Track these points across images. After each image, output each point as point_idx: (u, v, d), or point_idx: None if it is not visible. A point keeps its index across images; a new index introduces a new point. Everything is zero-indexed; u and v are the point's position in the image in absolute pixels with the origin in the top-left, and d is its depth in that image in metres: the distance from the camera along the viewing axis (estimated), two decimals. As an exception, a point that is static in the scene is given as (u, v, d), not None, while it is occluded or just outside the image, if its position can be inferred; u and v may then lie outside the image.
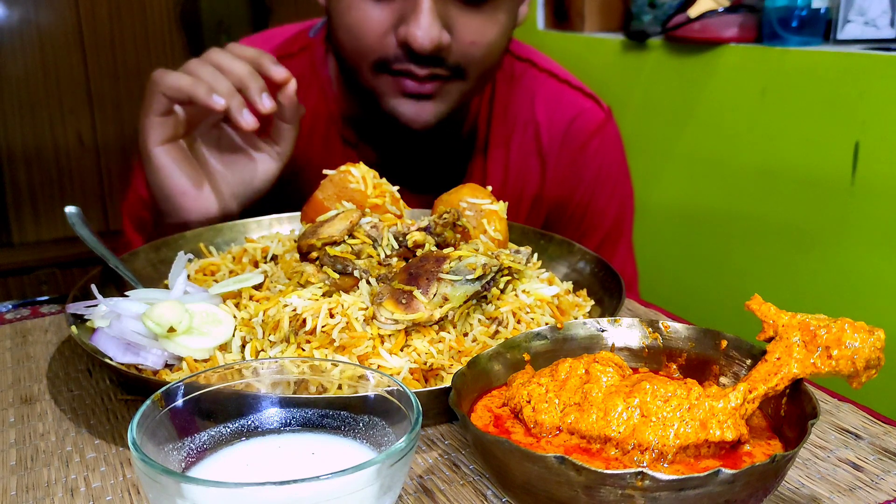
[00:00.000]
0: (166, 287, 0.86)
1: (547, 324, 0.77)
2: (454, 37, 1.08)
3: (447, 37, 1.07)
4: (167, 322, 0.71)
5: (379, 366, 0.69)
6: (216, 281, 0.85)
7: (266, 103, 0.98)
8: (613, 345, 0.68)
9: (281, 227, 1.02)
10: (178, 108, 1.00)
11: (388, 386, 0.53)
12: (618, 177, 1.38)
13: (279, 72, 1.02)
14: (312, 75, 1.27)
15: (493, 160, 1.31)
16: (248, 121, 0.97)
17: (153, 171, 1.01)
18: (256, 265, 0.87)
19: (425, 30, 1.04)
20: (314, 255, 0.80)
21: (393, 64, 1.10)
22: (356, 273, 0.77)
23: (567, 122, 1.32)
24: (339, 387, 0.56)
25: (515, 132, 1.32)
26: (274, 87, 1.02)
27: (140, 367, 0.72)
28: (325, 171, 0.92)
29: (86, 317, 0.76)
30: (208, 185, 1.04)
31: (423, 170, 1.03)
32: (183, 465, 0.51)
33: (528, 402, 0.58)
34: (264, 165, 1.08)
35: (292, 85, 1.03)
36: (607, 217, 1.35)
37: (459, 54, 1.10)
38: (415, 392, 0.52)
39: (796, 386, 0.58)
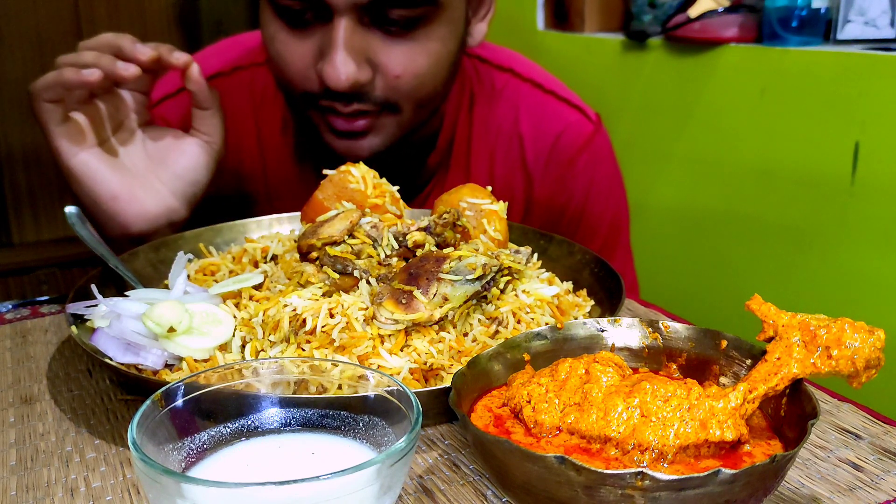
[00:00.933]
0: (166, 287, 0.86)
1: (547, 324, 0.77)
2: (379, 70, 1.03)
3: (367, 72, 1.01)
4: (167, 322, 0.71)
5: (379, 366, 0.69)
6: (216, 281, 0.85)
7: (128, 68, 0.92)
8: (613, 345, 0.68)
9: (281, 227, 1.02)
10: (79, 116, 0.96)
11: (388, 386, 0.53)
12: (610, 187, 1.33)
13: (178, 57, 0.97)
14: (276, 88, 1.22)
15: (476, 175, 1.26)
16: (127, 68, 0.92)
17: (76, 182, 0.97)
18: (256, 265, 0.87)
19: (339, 67, 0.98)
20: (314, 255, 0.80)
21: (318, 99, 1.05)
22: (356, 273, 0.77)
23: (553, 136, 1.27)
24: (339, 387, 0.56)
25: (499, 146, 1.27)
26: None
27: (140, 367, 0.72)
28: (325, 171, 0.92)
29: (86, 317, 0.76)
30: (139, 185, 0.99)
31: (403, 186, 1.00)
32: (183, 465, 0.51)
33: (528, 402, 0.58)
34: (195, 156, 1.03)
35: (194, 69, 0.99)
36: (602, 228, 1.31)
37: (386, 88, 1.04)
38: (415, 392, 0.52)
39: (796, 386, 0.58)
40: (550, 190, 1.28)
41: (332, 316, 0.72)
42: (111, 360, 0.71)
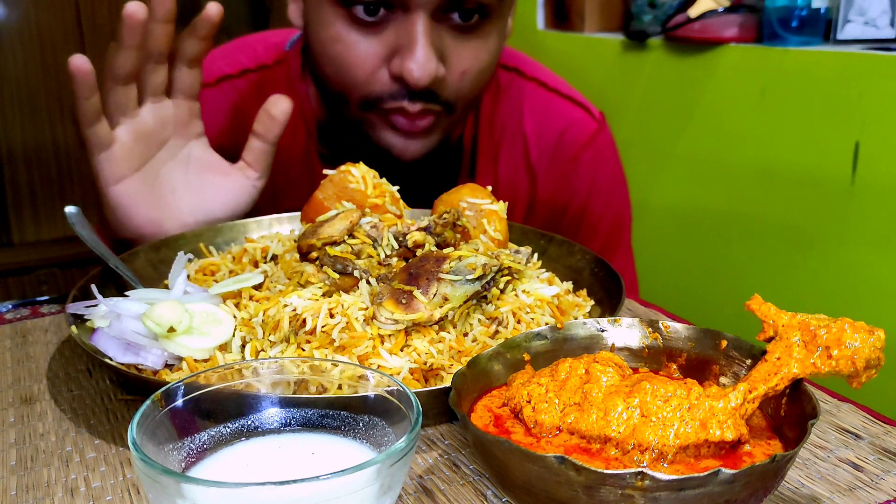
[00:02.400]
0: (166, 287, 0.86)
1: (547, 324, 0.77)
2: (448, 68, 1.03)
3: (443, 69, 1.01)
4: (167, 322, 0.71)
5: (379, 366, 0.69)
6: (216, 281, 0.85)
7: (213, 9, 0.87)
8: (613, 345, 0.68)
9: (281, 227, 1.02)
10: (123, 136, 0.91)
11: (388, 386, 0.53)
12: (613, 185, 1.33)
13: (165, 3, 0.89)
14: (289, 90, 1.21)
15: (482, 174, 1.26)
16: (164, 2, 0.85)
17: (110, 209, 0.94)
18: (256, 265, 0.87)
19: (422, 63, 0.97)
20: (314, 255, 0.80)
21: (384, 101, 1.04)
22: (356, 273, 0.77)
23: (557, 134, 1.27)
24: (339, 387, 0.56)
25: (503, 145, 1.27)
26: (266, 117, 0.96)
27: (140, 367, 0.72)
28: (325, 172, 0.92)
29: (86, 317, 0.76)
30: (169, 216, 0.97)
31: (408, 187, 1.00)
32: (183, 465, 0.51)
33: (528, 402, 0.58)
34: (234, 197, 1.00)
35: (285, 105, 0.95)
36: (603, 226, 1.31)
37: (452, 87, 1.04)
38: (415, 392, 0.52)
39: (796, 386, 0.58)
40: (554, 187, 1.28)
41: (332, 316, 0.72)
42: (111, 360, 0.71)
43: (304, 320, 0.72)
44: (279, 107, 0.96)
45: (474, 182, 1.24)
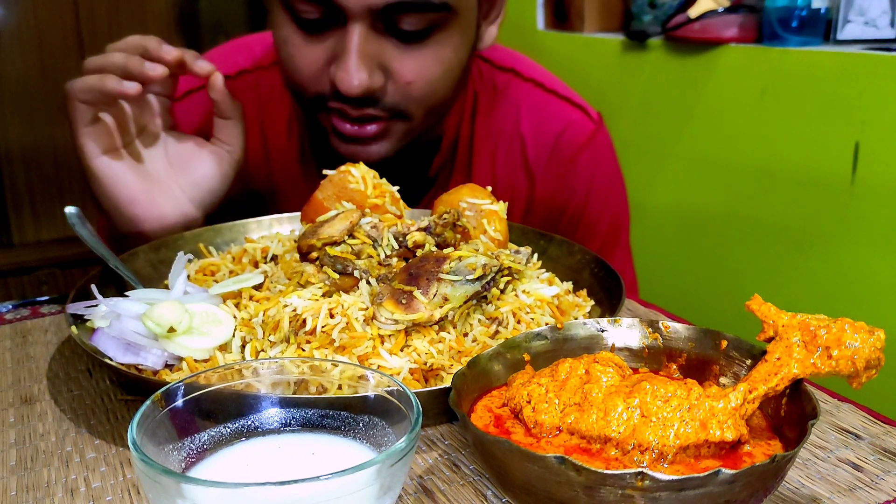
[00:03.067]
0: (166, 287, 0.86)
1: (547, 324, 0.77)
2: (391, 77, 1.03)
3: (379, 79, 1.01)
4: (167, 322, 0.71)
5: (379, 366, 0.69)
6: (216, 281, 0.85)
7: (155, 69, 0.94)
8: (613, 345, 0.68)
9: (281, 227, 1.02)
10: (107, 118, 0.97)
11: (388, 386, 0.53)
12: (610, 186, 1.33)
13: (202, 66, 0.98)
14: (284, 91, 1.22)
15: (478, 175, 1.26)
16: (155, 69, 0.94)
17: (97, 183, 0.98)
18: (256, 265, 0.87)
19: (352, 73, 0.98)
20: (314, 255, 0.80)
21: (329, 101, 1.05)
22: (356, 273, 0.77)
23: (554, 135, 1.27)
24: (339, 387, 0.56)
25: (500, 146, 1.27)
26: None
27: (140, 367, 0.72)
28: (325, 172, 0.92)
29: (86, 317, 0.76)
30: (159, 190, 1.00)
31: (405, 187, 1.00)
32: (183, 465, 0.51)
33: (528, 402, 0.58)
34: (215, 165, 1.04)
35: (218, 78, 1.00)
36: (601, 227, 1.31)
37: (397, 95, 1.04)
38: (415, 392, 0.52)
39: (796, 386, 0.58)
40: (551, 188, 1.28)
41: (332, 316, 0.72)
42: (111, 360, 0.71)
43: (304, 320, 0.72)
44: (214, 87, 1.01)
45: (471, 180, 1.24)
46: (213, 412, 0.54)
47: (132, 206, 0.99)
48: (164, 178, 1.02)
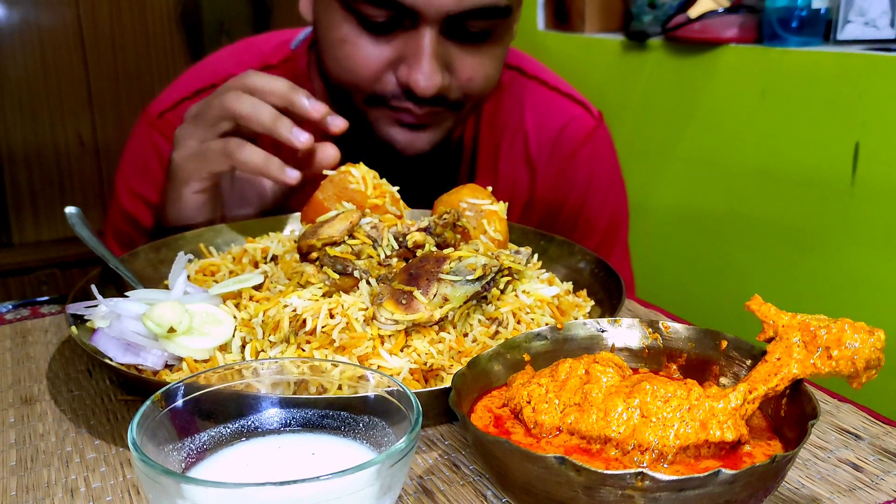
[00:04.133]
0: (166, 287, 0.86)
1: (547, 324, 0.77)
2: (453, 75, 1.06)
3: (447, 79, 1.05)
4: (167, 322, 0.71)
5: (379, 366, 0.69)
6: (216, 281, 0.85)
7: (301, 137, 0.93)
8: (613, 345, 0.68)
9: (281, 228, 1.02)
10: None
11: (388, 386, 0.53)
12: (610, 183, 1.35)
13: (318, 109, 0.95)
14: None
15: (482, 170, 1.28)
16: (299, 138, 0.93)
17: (179, 208, 0.99)
18: (256, 265, 0.87)
19: (427, 75, 1.01)
20: (314, 255, 0.80)
21: (390, 101, 1.07)
22: (356, 273, 0.77)
23: (557, 130, 1.29)
24: (339, 387, 0.56)
25: (504, 141, 1.29)
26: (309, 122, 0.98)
27: (140, 367, 0.72)
28: (325, 172, 0.92)
29: (86, 317, 0.76)
30: (215, 219, 1.02)
31: (411, 182, 1.01)
32: (183, 465, 0.51)
33: (528, 402, 0.58)
34: (269, 199, 1.05)
35: (333, 153, 0.98)
36: (600, 223, 1.33)
37: (458, 92, 1.08)
38: (415, 392, 0.52)
39: (796, 386, 0.58)
40: (552, 183, 1.30)
41: (332, 316, 0.72)
42: (111, 360, 0.71)
43: (304, 321, 0.72)
44: (328, 153, 0.99)
45: (475, 178, 1.26)
46: (213, 412, 0.54)
47: (192, 223, 1.00)
48: (225, 207, 1.04)
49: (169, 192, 1.00)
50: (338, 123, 0.97)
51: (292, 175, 0.92)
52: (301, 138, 0.93)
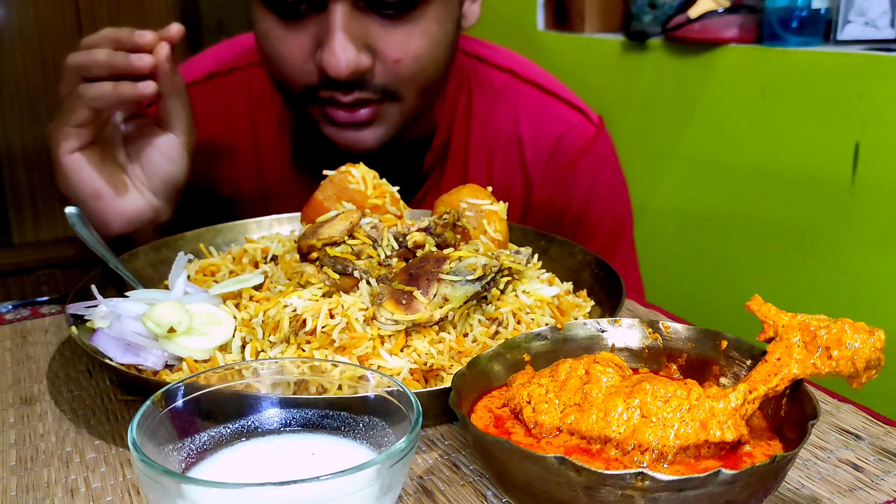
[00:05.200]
0: (166, 287, 0.86)
1: (547, 324, 0.77)
2: (378, 56, 1.01)
3: (366, 59, 1.00)
4: (167, 322, 0.71)
5: (379, 366, 0.69)
6: (216, 281, 0.85)
7: (142, 59, 0.92)
8: (613, 345, 0.68)
9: (281, 228, 1.02)
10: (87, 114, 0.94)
11: (388, 386, 0.53)
12: (612, 191, 1.31)
13: (144, 36, 0.94)
14: (264, 92, 1.21)
15: (474, 176, 1.24)
16: (141, 59, 0.92)
17: (65, 177, 0.96)
18: (256, 266, 0.87)
19: (338, 54, 0.97)
20: (314, 255, 0.80)
21: (318, 91, 1.04)
22: (356, 273, 0.77)
23: (554, 139, 1.25)
24: (339, 387, 0.56)
25: (497, 147, 1.25)
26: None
27: (140, 367, 0.72)
28: (325, 172, 0.92)
29: (86, 317, 0.76)
30: (121, 184, 0.98)
31: (397, 185, 1.00)
32: (183, 465, 0.51)
33: (529, 402, 0.58)
34: (168, 150, 1.00)
35: (164, 49, 0.95)
36: (602, 230, 1.30)
37: (386, 74, 1.03)
38: (415, 392, 0.52)
39: (796, 386, 0.58)
40: (550, 192, 1.27)
41: (332, 316, 0.72)
42: (111, 360, 0.71)
43: (305, 321, 0.72)
44: (159, 59, 0.95)
45: (466, 180, 1.23)
46: (213, 412, 0.54)
47: (96, 200, 0.96)
48: (123, 169, 1.00)
49: (54, 173, 0.98)
50: (174, 28, 0.95)
51: (146, 87, 0.91)
52: (141, 60, 0.92)
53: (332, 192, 0.89)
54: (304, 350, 0.71)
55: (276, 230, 1.02)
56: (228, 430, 0.54)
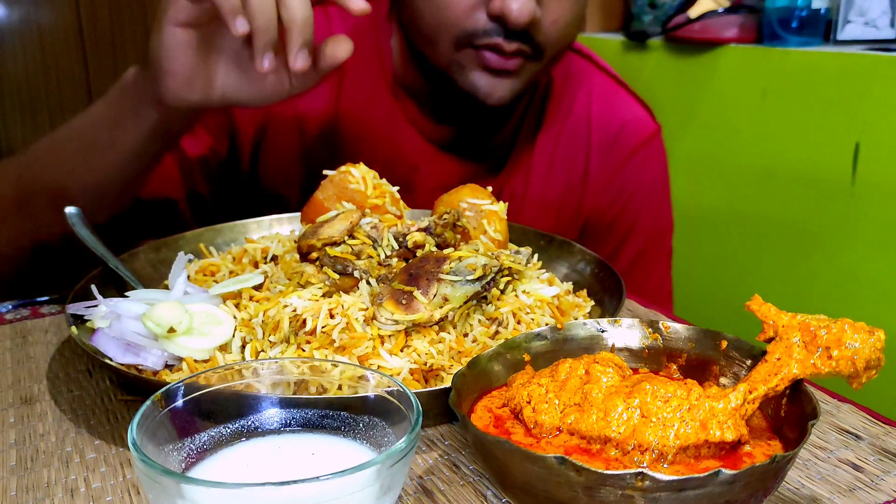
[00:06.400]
0: (166, 287, 0.86)
1: (547, 324, 0.77)
2: (542, 12, 1.07)
3: (539, 11, 1.06)
4: (167, 322, 0.71)
5: (379, 366, 0.69)
6: (216, 281, 0.85)
7: (299, 61, 0.86)
8: (613, 345, 0.68)
9: (281, 228, 1.02)
10: None
11: (388, 386, 0.53)
12: (658, 193, 1.36)
13: (357, 3, 0.89)
14: (373, 32, 1.22)
15: (541, 150, 1.29)
16: (263, 65, 0.86)
17: (157, 45, 0.89)
18: (256, 266, 0.87)
19: (523, 2, 1.02)
20: (314, 255, 0.80)
21: (479, 38, 1.08)
22: (356, 273, 0.77)
23: (620, 125, 1.31)
24: (339, 387, 0.56)
25: (567, 124, 1.31)
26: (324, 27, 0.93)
27: (140, 367, 0.72)
28: (325, 172, 0.92)
29: (86, 317, 0.76)
30: (203, 77, 0.93)
31: (471, 149, 1.01)
32: (183, 465, 0.51)
33: (528, 402, 0.58)
34: (270, 90, 0.95)
35: (347, 48, 0.91)
36: (644, 231, 1.34)
37: (544, 32, 1.09)
38: (415, 392, 0.52)
39: (796, 386, 0.58)
40: (607, 177, 1.32)
41: (332, 316, 0.72)
42: (111, 360, 0.71)
43: (304, 321, 0.72)
44: (342, 47, 0.92)
45: (533, 154, 1.28)
46: (213, 412, 0.54)
47: (169, 77, 0.91)
48: (216, 70, 0.94)
49: (154, 26, 0.91)
50: (358, 4, 0.89)
51: (241, 25, 0.83)
52: (266, 63, 0.86)
53: (332, 192, 0.89)
54: (304, 350, 0.71)
55: (276, 230, 1.02)
56: (228, 430, 0.54)
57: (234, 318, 0.76)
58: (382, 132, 1.24)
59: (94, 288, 0.77)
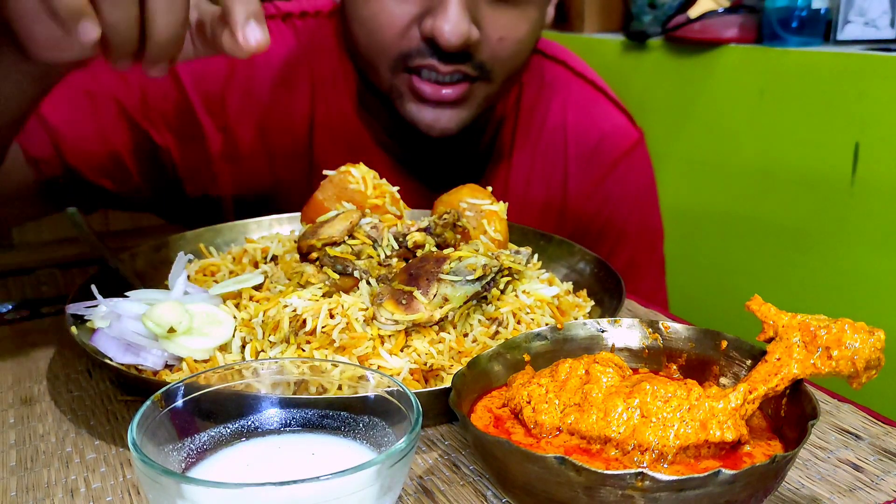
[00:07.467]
0: (166, 287, 0.86)
1: (547, 324, 0.77)
2: (482, 32, 1.02)
3: (476, 32, 1.00)
4: (167, 322, 0.71)
5: (379, 366, 0.69)
6: (216, 281, 0.85)
7: (254, 36, 0.69)
8: (613, 345, 0.68)
9: (281, 228, 1.02)
10: None
11: (388, 386, 0.53)
12: (645, 200, 1.32)
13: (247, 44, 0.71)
14: (337, 47, 1.18)
15: (518, 165, 1.24)
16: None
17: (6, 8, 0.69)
18: (256, 266, 0.87)
19: (454, 23, 0.97)
20: (314, 255, 0.80)
21: (414, 59, 1.02)
22: (356, 273, 0.77)
23: (599, 135, 1.25)
24: (339, 387, 0.56)
25: (542, 137, 1.25)
26: None
27: (140, 367, 0.72)
28: (325, 172, 0.92)
29: (86, 317, 0.76)
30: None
31: (442, 171, 0.95)
32: (183, 465, 0.51)
33: (528, 402, 0.58)
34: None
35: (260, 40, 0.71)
36: (631, 239, 1.30)
37: (487, 52, 1.03)
38: (415, 392, 0.52)
39: (796, 386, 0.58)
40: (588, 191, 1.26)
41: (332, 316, 0.72)
42: (111, 360, 0.71)
43: (304, 321, 0.72)
44: (254, 36, 0.71)
45: (510, 171, 1.23)
46: (214, 412, 0.54)
47: (30, 43, 0.71)
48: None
49: None
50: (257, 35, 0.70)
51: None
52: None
53: (332, 192, 0.89)
54: (304, 350, 0.71)
55: (276, 230, 1.02)
56: (228, 430, 0.54)
57: (234, 318, 0.76)
58: (352, 156, 1.21)
59: (94, 288, 0.77)
